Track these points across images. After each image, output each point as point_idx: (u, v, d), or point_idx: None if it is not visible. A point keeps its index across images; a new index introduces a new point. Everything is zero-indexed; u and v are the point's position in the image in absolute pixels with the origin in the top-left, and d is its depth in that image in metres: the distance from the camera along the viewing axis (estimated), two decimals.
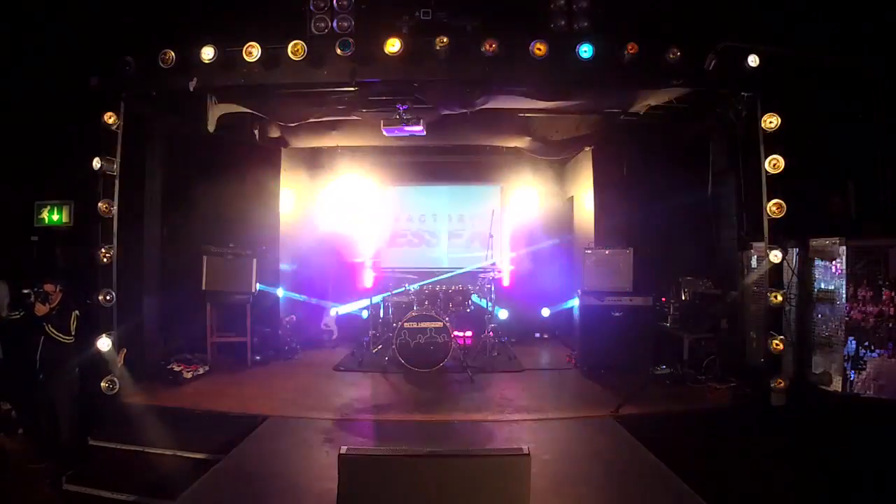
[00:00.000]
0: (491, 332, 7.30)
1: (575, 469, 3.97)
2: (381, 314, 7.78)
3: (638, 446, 4.34)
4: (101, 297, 5.20)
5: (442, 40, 4.97)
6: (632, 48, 5.03)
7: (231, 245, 7.02)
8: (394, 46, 4.98)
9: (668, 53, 5.09)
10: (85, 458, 4.67)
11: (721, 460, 4.32)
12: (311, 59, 5.11)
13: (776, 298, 5.26)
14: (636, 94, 6.08)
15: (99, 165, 5.19)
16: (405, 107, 5.80)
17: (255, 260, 7.01)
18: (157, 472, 4.41)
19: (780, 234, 5.31)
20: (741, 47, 5.17)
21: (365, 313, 8.24)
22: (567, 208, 9.06)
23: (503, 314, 8.23)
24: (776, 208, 5.22)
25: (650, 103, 6.21)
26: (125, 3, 5.48)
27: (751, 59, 5.15)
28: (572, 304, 7.46)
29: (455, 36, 5.07)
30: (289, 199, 8.30)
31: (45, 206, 6.57)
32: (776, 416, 5.11)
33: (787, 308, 5.50)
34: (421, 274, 8.19)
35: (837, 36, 5.60)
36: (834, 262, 5.35)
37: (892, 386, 5.02)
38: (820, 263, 5.51)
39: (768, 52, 5.19)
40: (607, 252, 6.73)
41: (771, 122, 5.20)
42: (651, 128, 6.67)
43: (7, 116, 6.17)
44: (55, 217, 6.58)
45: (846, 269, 5.25)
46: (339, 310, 8.63)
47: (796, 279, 5.66)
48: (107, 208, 5.27)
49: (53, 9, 5.73)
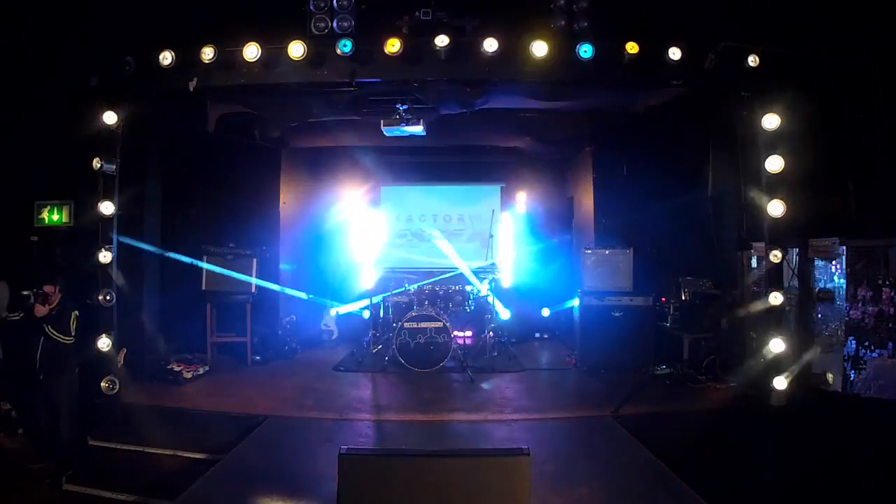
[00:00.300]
0: (491, 332, 7.29)
1: (575, 469, 3.97)
2: (381, 314, 7.78)
3: (638, 446, 4.34)
4: (101, 297, 5.19)
5: (442, 40, 4.97)
6: (632, 48, 5.03)
7: (231, 245, 7.02)
8: (394, 46, 4.98)
9: (668, 53, 5.09)
10: (85, 458, 4.67)
11: (721, 460, 4.32)
12: (311, 59, 5.11)
13: (776, 298, 5.26)
14: (636, 94, 6.07)
15: (99, 165, 5.19)
16: (405, 107, 5.80)
17: (255, 260, 7.01)
18: (157, 472, 4.41)
19: (780, 234, 5.31)
20: (741, 47, 5.16)
21: (366, 313, 8.23)
22: (567, 208, 9.07)
23: (505, 314, 8.24)
24: (776, 208, 5.22)
25: (650, 103, 6.21)
26: (125, 3, 5.48)
27: (751, 59, 5.14)
28: (572, 304, 7.46)
29: (455, 36, 5.07)
30: (289, 198, 8.30)
31: (45, 206, 6.58)
32: (776, 416, 5.11)
33: (787, 308, 5.49)
34: (421, 274, 8.19)
35: (837, 36, 5.60)
36: (834, 262, 5.35)
37: (892, 386, 5.02)
38: (820, 263, 5.51)
39: (768, 52, 5.19)
40: (607, 252, 6.73)
41: (771, 122, 5.20)
42: (651, 128, 6.66)
43: (7, 116, 6.17)
44: (55, 217, 6.58)
45: (846, 269, 5.25)
46: (339, 310, 8.62)
47: (796, 279, 5.66)
48: (107, 208, 5.27)
49: (53, 9, 5.72)
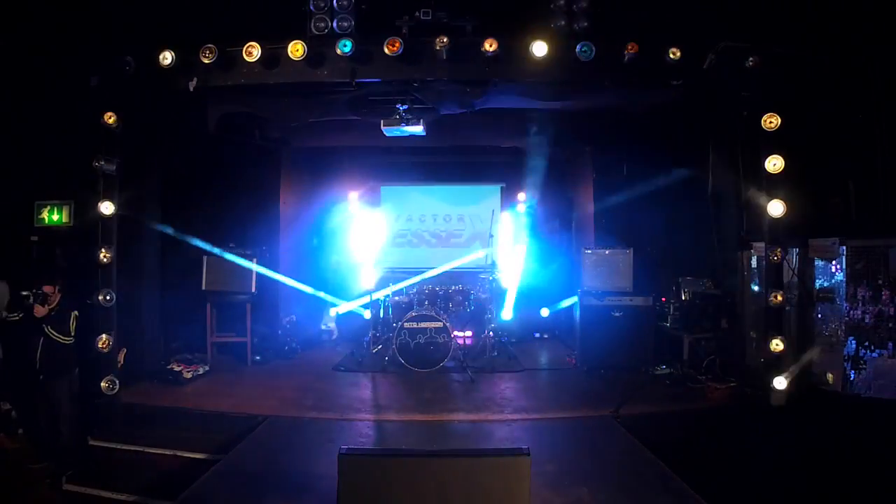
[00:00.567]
0: (491, 332, 7.30)
1: (575, 469, 3.97)
2: (381, 314, 7.78)
3: (638, 446, 4.34)
4: (101, 297, 5.19)
5: (442, 40, 4.97)
6: (632, 48, 5.02)
7: (231, 245, 7.02)
8: (394, 46, 4.98)
9: (667, 53, 5.08)
10: (85, 458, 4.68)
11: (721, 460, 4.32)
12: (311, 59, 5.11)
13: (776, 298, 5.26)
14: (636, 94, 6.07)
15: (99, 165, 5.20)
16: (405, 107, 5.80)
17: (255, 260, 7.02)
18: (157, 472, 4.41)
19: (780, 234, 5.31)
20: (741, 47, 5.16)
21: (367, 313, 8.23)
22: (567, 208, 9.06)
23: (507, 314, 8.25)
24: (776, 208, 5.22)
25: (650, 103, 6.20)
26: (125, 3, 5.48)
27: (750, 59, 5.15)
28: (570, 302, 7.47)
29: (455, 36, 5.07)
30: (289, 198, 8.30)
31: (45, 206, 6.57)
32: (776, 416, 5.11)
33: (787, 308, 5.49)
34: (421, 274, 8.20)
35: (837, 36, 5.60)
36: (834, 262, 5.35)
37: (892, 386, 5.02)
38: (820, 263, 5.51)
39: (768, 52, 5.18)
40: (607, 252, 6.73)
41: (771, 122, 5.20)
42: (651, 128, 6.67)
43: (7, 116, 6.17)
44: (55, 217, 6.57)
45: (846, 269, 5.25)
46: (339, 310, 8.63)
47: (796, 279, 5.66)
48: (107, 208, 5.27)
49: (53, 8, 5.72)
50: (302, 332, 8.03)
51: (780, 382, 5.14)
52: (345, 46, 4.99)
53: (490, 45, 4.98)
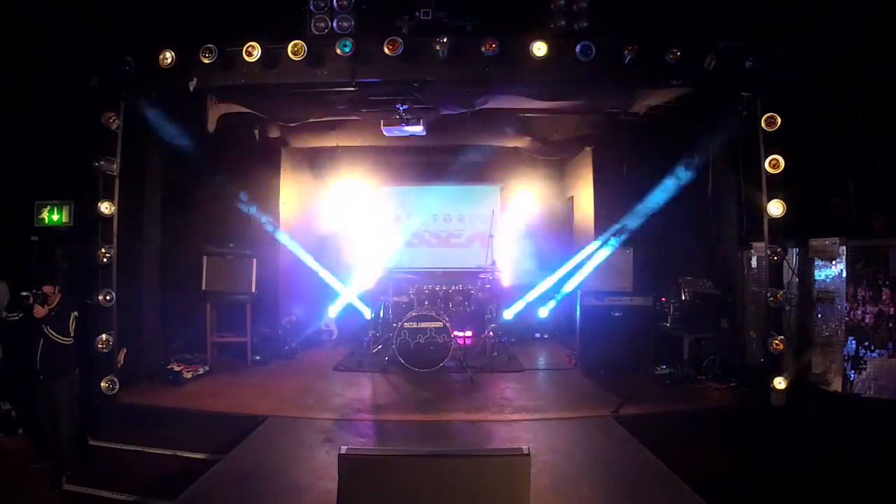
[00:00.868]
0: (491, 332, 7.29)
1: (575, 469, 3.97)
2: (381, 314, 7.78)
3: (638, 446, 4.34)
4: (101, 297, 5.19)
5: (442, 40, 4.97)
6: (632, 48, 5.03)
7: (231, 245, 7.02)
8: (394, 46, 4.98)
9: (668, 53, 5.10)
10: (85, 458, 4.68)
11: (721, 460, 4.32)
12: (311, 59, 5.11)
13: (776, 298, 5.26)
14: (636, 94, 6.07)
15: (99, 165, 5.19)
16: (405, 107, 5.79)
17: (255, 260, 7.01)
18: (157, 472, 4.41)
19: (780, 234, 5.31)
20: (741, 47, 5.16)
21: (368, 313, 8.22)
22: (567, 208, 9.06)
23: (508, 314, 8.22)
24: (776, 208, 5.22)
25: (650, 103, 6.20)
26: (126, 2, 5.48)
27: (750, 59, 5.15)
28: (563, 293, 7.46)
29: (455, 36, 5.08)
30: (289, 198, 8.30)
31: (45, 206, 6.56)
32: (776, 416, 5.11)
33: (787, 308, 5.49)
34: (421, 274, 8.19)
35: (837, 36, 5.60)
36: (834, 262, 5.35)
37: (892, 386, 5.02)
38: (820, 263, 5.51)
39: (768, 52, 5.19)
40: (607, 252, 6.72)
41: (771, 122, 5.21)
42: (651, 128, 6.67)
43: (7, 116, 6.17)
44: (55, 217, 6.57)
45: (846, 269, 5.25)
46: (339, 310, 8.62)
47: (796, 279, 5.66)
48: (107, 208, 5.27)
49: (54, 9, 5.72)
50: (302, 332, 8.02)
51: (780, 382, 5.15)
52: (345, 46, 4.99)
53: (490, 45, 4.99)
